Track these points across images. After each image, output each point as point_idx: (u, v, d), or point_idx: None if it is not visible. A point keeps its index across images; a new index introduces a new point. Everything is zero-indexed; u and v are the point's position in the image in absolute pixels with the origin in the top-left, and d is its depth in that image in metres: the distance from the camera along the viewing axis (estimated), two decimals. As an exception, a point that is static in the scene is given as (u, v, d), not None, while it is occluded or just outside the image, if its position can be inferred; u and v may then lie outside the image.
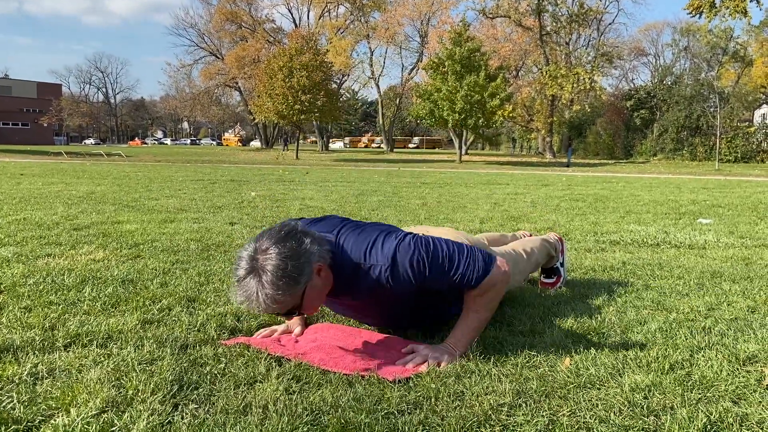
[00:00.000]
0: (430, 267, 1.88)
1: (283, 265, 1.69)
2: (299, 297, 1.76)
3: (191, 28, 68.32)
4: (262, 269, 1.70)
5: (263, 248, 1.73)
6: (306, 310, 1.82)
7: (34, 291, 2.58)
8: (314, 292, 1.80)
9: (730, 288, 3.01)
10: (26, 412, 1.40)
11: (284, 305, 1.74)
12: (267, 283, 1.69)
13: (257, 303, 1.70)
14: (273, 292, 1.69)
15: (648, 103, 44.79)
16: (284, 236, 1.75)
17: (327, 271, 1.84)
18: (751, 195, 10.22)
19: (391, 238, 1.91)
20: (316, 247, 1.79)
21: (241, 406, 1.45)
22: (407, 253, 1.87)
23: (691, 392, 1.60)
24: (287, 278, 1.70)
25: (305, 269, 1.74)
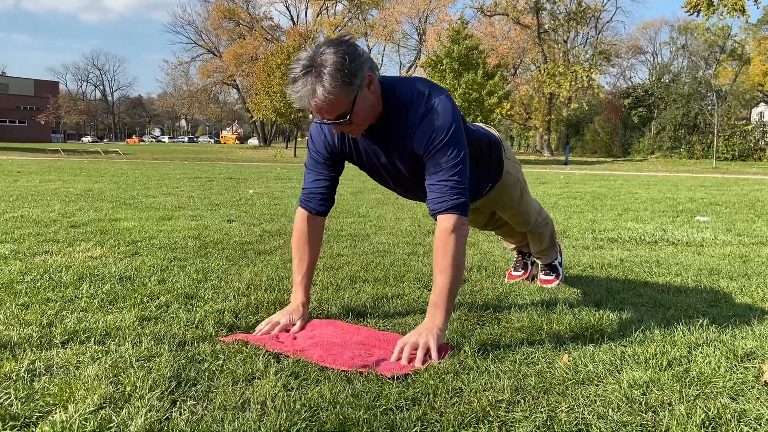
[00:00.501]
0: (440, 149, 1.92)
1: (342, 61, 1.78)
2: (351, 102, 1.83)
3: (189, 25, 68.26)
4: (321, 64, 1.78)
5: (321, 50, 1.81)
6: (355, 118, 1.87)
7: (32, 288, 2.58)
8: (364, 103, 1.88)
9: (728, 285, 3.02)
10: (24, 409, 1.39)
11: (338, 103, 1.81)
12: (326, 76, 1.77)
13: (314, 96, 1.79)
14: (330, 85, 1.77)
15: (646, 101, 44.84)
16: (341, 41, 1.85)
17: (376, 89, 1.92)
18: (748, 193, 10.24)
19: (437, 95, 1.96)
20: (368, 57, 1.89)
21: (239, 403, 1.45)
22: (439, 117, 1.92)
23: (689, 388, 1.60)
24: (344, 74, 1.78)
25: (359, 72, 1.83)
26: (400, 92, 1.97)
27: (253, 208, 6.28)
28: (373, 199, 7.78)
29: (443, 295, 1.91)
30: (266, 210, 6.17)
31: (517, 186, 2.60)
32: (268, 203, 6.93)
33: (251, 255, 3.56)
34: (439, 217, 1.95)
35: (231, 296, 2.53)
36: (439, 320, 1.90)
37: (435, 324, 1.88)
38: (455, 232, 1.92)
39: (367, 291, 2.68)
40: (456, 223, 1.92)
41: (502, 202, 2.60)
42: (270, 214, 5.82)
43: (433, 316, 1.91)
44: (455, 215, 1.93)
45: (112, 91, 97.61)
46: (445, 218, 1.93)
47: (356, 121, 1.90)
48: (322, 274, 3.02)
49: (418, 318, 2.29)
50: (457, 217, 1.93)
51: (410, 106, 1.95)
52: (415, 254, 3.73)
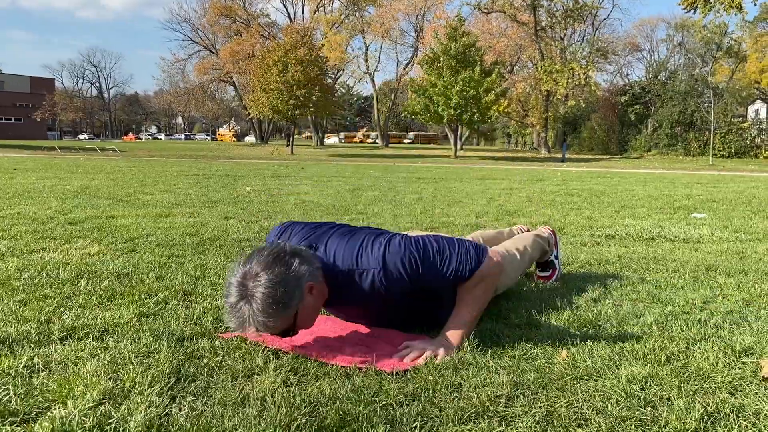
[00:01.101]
0: (422, 263, 1.88)
1: (273, 293, 1.70)
2: (292, 319, 1.77)
3: (185, 22, 67.98)
4: (251, 296, 1.71)
5: (252, 274, 1.73)
6: (300, 328, 1.83)
7: (29, 284, 2.57)
8: (307, 310, 1.82)
9: (725, 281, 3.02)
10: (23, 405, 1.39)
11: (278, 328, 1.77)
12: (258, 311, 1.70)
13: (251, 329, 1.73)
14: (264, 318, 1.70)
15: (642, 99, 44.92)
16: (272, 261, 1.75)
17: (318, 287, 1.85)
18: (744, 190, 10.26)
19: (380, 241, 1.91)
20: (305, 268, 1.79)
21: (239, 398, 1.45)
22: (398, 254, 1.87)
23: (687, 383, 1.61)
24: (278, 305, 1.71)
25: (295, 293, 1.76)
26: (341, 268, 1.90)
27: (251, 206, 6.28)
28: (371, 196, 7.78)
29: (462, 327, 1.93)
30: (264, 207, 6.16)
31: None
32: (265, 200, 6.93)
33: (249, 252, 3.55)
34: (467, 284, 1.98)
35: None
36: (453, 342, 1.89)
37: (448, 343, 1.88)
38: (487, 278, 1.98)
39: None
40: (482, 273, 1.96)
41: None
42: (267, 211, 5.81)
43: (448, 338, 1.90)
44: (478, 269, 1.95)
45: (109, 89, 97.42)
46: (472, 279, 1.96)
47: (302, 327, 1.85)
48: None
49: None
50: (479, 270, 1.96)
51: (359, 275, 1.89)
52: (413, 251, 3.72)
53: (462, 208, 6.45)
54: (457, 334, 1.92)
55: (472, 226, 5.03)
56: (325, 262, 1.89)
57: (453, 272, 1.91)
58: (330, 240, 1.96)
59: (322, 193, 8.22)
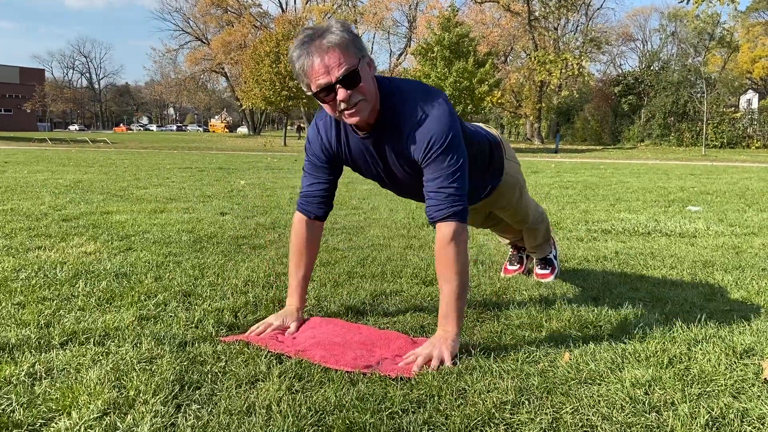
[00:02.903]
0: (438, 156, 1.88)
1: (348, 27, 1.83)
2: (356, 64, 1.80)
3: (176, 12, 67.46)
4: (327, 27, 1.81)
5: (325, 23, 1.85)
6: (362, 88, 1.82)
7: (26, 286, 2.55)
8: (367, 78, 1.85)
9: (723, 278, 3.04)
10: (26, 415, 1.38)
11: (346, 55, 1.78)
12: (333, 30, 1.79)
13: (321, 47, 1.76)
14: (338, 36, 1.78)
15: (636, 89, 44.96)
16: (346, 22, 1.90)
17: (373, 78, 1.90)
18: (738, 181, 10.31)
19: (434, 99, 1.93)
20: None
21: (244, 407, 1.44)
22: (437, 123, 1.88)
23: (691, 387, 1.61)
24: (351, 33, 1.81)
25: (362, 45, 1.85)
26: (398, 97, 1.92)
27: (246, 200, 6.25)
28: (365, 189, 7.76)
29: (452, 305, 1.88)
30: (259, 202, 6.14)
31: (517, 187, 2.58)
32: (260, 194, 6.90)
33: (246, 250, 3.54)
34: (438, 225, 1.92)
35: (229, 294, 2.52)
36: (452, 330, 1.87)
37: (448, 334, 1.86)
38: (455, 239, 1.89)
39: (366, 287, 2.67)
40: (455, 230, 1.89)
41: (502, 203, 2.59)
42: (263, 206, 5.79)
43: (445, 327, 1.88)
44: (454, 222, 1.89)
45: (99, 79, 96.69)
46: (444, 226, 1.90)
47: (363, 92, 1.83)
48: (320, 270, 3.01)
49: (418, 315, 2.29)
50: (456, 224, 1.89)
51: (408, 112, 1.91)
52: (411, 248, 3.73)
53: (458, 202, 6.44)
54: (451, 318, 1.87)
55: (469, 220, 5.03)
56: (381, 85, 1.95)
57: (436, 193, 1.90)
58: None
59: (317, 186, 8.17)
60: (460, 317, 1.90)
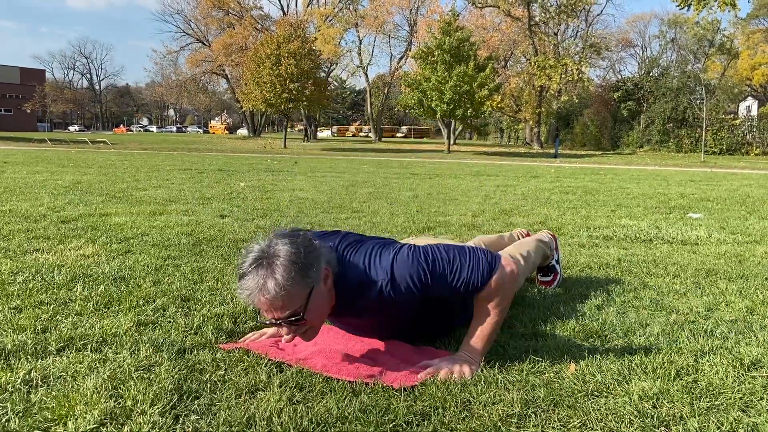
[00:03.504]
0: (431, 275, 1.82)
1: (296, 253, 1.68)
2: (305, 297, 1.70)
3: (178, 14, 67.49)
4: (274, 254, 1.67)
5: (273, 243, 1.71)
6: (309, 316, 1.74)
7: (24, 290, 2.52)
8: (319, 299, 1.75)
9: (727, 287, 3.01)
10: (21, 425, 1.35)
11: (292, 300, 1.67)
12: (278, 267, 1.65)
13: (265, 291, 1.64)
14: (283, 280, 1.64)
15: (635, 95, 45.00)
16: (294, 235, 1.74)
17: (331, 283, 1.80)
18: (738, 188, 10.29)
19: (388, 252, 1.86)
20: (325, 250, 1.78)
21: (244, 418, 1.41)
22: (406, 266, 1.81)
23: (699, 401, 1.58)
24: (297, 268, 1.67)
25: (315, 265, 1.72)
26: (351, 275, 1.84)
27: (245, 202, 6.22)
28: (366, 193, 7.74)
29: (485, 335, 1.87)
30: (258, 204, 6.11)
31: None
32: (260, 197, 6.87)
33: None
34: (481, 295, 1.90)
35: (229, 299, 2.49)
36: (476, 357, 1.84)
37: (473, 358, 1.83)
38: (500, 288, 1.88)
39: (367, 293, 2.64)
40: (497, 282, 1.87)
41: None
42: (263, 208, 5.76)
43: (470, 352, 1.85)
44: (492, 278, 1.87)
45: (99, 80, 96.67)
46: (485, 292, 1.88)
47: (310, 321, 1.76)
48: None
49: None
50: (495, 277, 1.87)
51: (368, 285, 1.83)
52: (412, 253, 3.69)
53: (458, 207, 6.42)
54: (477, 348, 1.86)
55: (469, 225, 5.00)
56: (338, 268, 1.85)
57: (464, 283, 1.85)
58: (340, 247, 1.90)
59: (316, 189, 8.16)
60: (486, 349, 1.88)
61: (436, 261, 1.84)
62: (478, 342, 1.86)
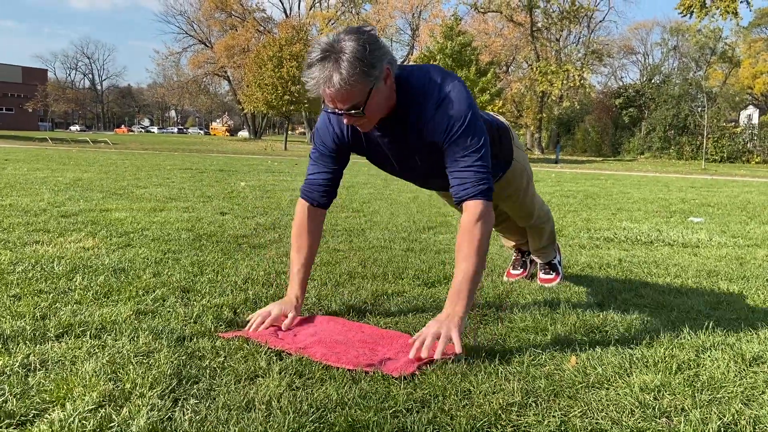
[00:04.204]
0: (461, 136, 1.87)
1: (362, 50, 1.73)
2: (367, 94, 1.78)
3: (180, 15, 67.67)
4: (340, 50, 1.73)
5: (341, 37, 1.77)
6: (368, 111, 1.82)
7: (23, 279, 2.51)
8: (379, 96, 1.82)
9: (728, 287, 3.00)
10: (19, 406, 1.34)
11: (354, 93, 1.76)
12: (344, 63, 1.71)
13: (330, 84, 1.73)
14: (348, 73, 1.71)
15: (636, 102, 45.04)
16: (363, 30, 1.79)
17: (392, 83, 1.86)
18: (738, 195, 10.29)
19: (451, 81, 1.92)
20: (387, 50, 1.83)
21: (243, 402, 1.40)
22: (456, 104, 1.87)
23: (701, 393, 1.57)
24: (363, 63, 1.73)
25: (378, 64, 1.78)
26: (413, 83, 1.92)
27: (246, 201, 6.21)
28: (366, 194, 7.73)
29: (466, 283, 1.85)
30: (259, 203, 6.11)
31: (524, 175, 2.56)
32: (260, 196, 6.86)
33: (246, 249, 3.50)
34: (465, 204, 1.91)
35: (228, 290, 2.48)
36: (460, 309, 1.82)
37: (456, 312, 1.81)
38: (482, 219, 1.88)
39: (367, 288, 2.63)
40: (483, 210, 1.89)
41: (509, 191, 2.55)
42: (263, 207, 5.76)
43: (454, 304, 1.83)
44: (482, 201, 1.89)
45: (101, 80, 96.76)
46: (472, 205, 1.89)
47: (369, 115, 1.84)
48: (320, 270, 2.97)
49: (420, 316, 2.25)
50: (483, 204, 1.89)
51: (425, 96, 1.90)
52: (412, 251, 3.69)
53: (459, 208, 6.41)
54: (461, 298, 1.83)
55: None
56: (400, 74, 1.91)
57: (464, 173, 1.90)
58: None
59: (317, 189, 8.14)
60: (471, 298, 1.86)
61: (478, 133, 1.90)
62: (463, 291, 1.84)
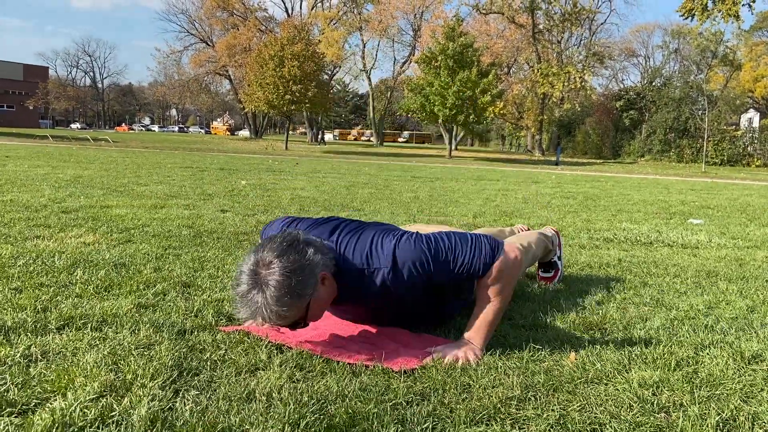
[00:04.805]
0: (433, 263, 1.82)
1: (287, 282, 1.65)
2: (304, 310, 1.72)
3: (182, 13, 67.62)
4: (265, 284, 1.65)
5: (266, 262, 1.67)
6: (311, 320, 1.78)
7: (24, 272, 2.52)
8: (319, 303, 1.77)
9: (727, 287, 3.01)
10: (21, 395, 1.35)
11: (290, 319, 1.71)
12: (271, 299, 1.64)
13: (263, 319, 1.68)
14: (278, 308, 1.65)
15: (637, 104, 45.06)
16: (286, 248, 1.70)
17: (331, 280, 1.80)
18: (738, 197, 10.29)
19: (389, 238, 1.86)
20: (319, 257, 1.75)
21: (244, 394, 1.41)
22: (409, 252, 1.81)
23: (699, 390, 1.58)
24: (292, 293, 1.66)
25: (309, 282, 1.70)
26: (350, 265, 1.85)
27: (246, 199, 6.22)
28: (367, 193, 7.74)
29: (487, 322, 1.86)
30: (260, 201, 6.11)
31: None
32: (261, 195, 6.87)
33: (247, 245, 3.51)
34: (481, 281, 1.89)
35: (229, 286, 2.48)
36: (477, 344, 1.84)
37: (474, 344, 1.83)
38: (502, 274, 1.87)
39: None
40: (500, 268, 1.87)
41: None
42: (264, 205, 5.76)
43: (473, 339, 1.84)
44: (495, 263, 1.87)
45: (102, 78, 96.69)
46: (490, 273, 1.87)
47: (312, 320, 1.81)
48: (321, 266, 2.97)
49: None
50: (498, 263, 1.87)
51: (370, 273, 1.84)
52: (413, 249, 3.69)
53: (459, 208, 6.42)
54: (480, 334, 1.85)
55: (470, 226, 5.00)
56: (337, 259, 1.84)
57: (465, 268, 1.84)
58: (340, 236, 1.90)
59: (317, 188, 8.17)
60: (488, 337, 1.87)
61: (439, 247, 1.84)
62: (481, 328, 1.86)
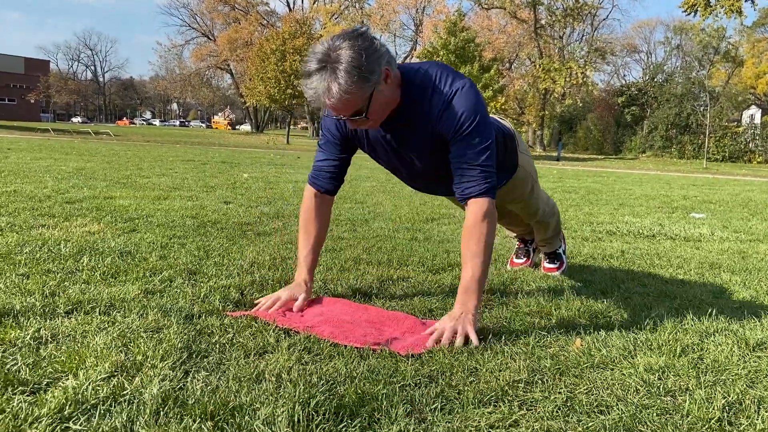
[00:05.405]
0: (470, 133, 1.88)
1: (358, 57, 1.72)
2: (367, 99, 1.78)
3: (183, 7, 67.49)
4: (336, 60, 1.72)
5: (335, 46, 1.75)
6: (371, 114, 1.82)
7: (31, 259, 2.53)
8: (381, 98, 1.82)
9: (730, 278, 3.02)
10: (32, 375, 1.36)
11: (354, 101, 1.76)
12: (341, 73, 1.70)
13: (329, 96, 1.73)
14: (345, 83, 1.71)
15: (639, 100, 44.99)
16: (357, 35, 1.78)
17: (393, 81, 1.86)
18: (740, 193, 10.30)
19: (461, 79, 1.93)
20: (385, 50, 1.83)
21: (253, 375, 1.42)
22: (467, 103, 1.88)
23: (705, 375, 1.59)
24: (360, 71, 1.72)
25: (376, 68, 1.76)
26: (419, 80, 1.91)
27: (249, 192, 6.23)
28: (369, 186, 7.74)
29: (475, 281, 1.87)
30: (262, 193, 6.12)
31: (529, 180, 2.55)
32: (263, 187, 6.88)
33: (251, 235, 3.52)
34: (471, 201, 1.92)
35: (235, 273, 2.50)
36: (472, 305, 1.85)
37: (468, 309, 1.84)
38: (487, 217, 1.90)
39: (372, 273, 2.65)
40: (488, 208, 1.90)
41: (514, 195, 2.55)
42: (266, 197, 5.77)
43: (465, 302, 1.86)
44: (487, 199, 1.90)
45: (104, 72, 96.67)
46: (477, 203, 1.91)
47: (372, 117, 1.85)
48: (325, 256, 2.98)
49: (425, 299, 2.27)
50: (489, 202, 1.90)
51: (433, 92, 1.90)
52: (416, 240, 3.71)
53: (461, 201, 6.42)
54: (473, 294, 1.86)
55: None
56: (403, 70, 1.91)
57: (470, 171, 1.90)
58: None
59: (320, 181, 8.16)
60: (480, 294, 1.89)
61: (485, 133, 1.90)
62: (472, 287, 1.86)
